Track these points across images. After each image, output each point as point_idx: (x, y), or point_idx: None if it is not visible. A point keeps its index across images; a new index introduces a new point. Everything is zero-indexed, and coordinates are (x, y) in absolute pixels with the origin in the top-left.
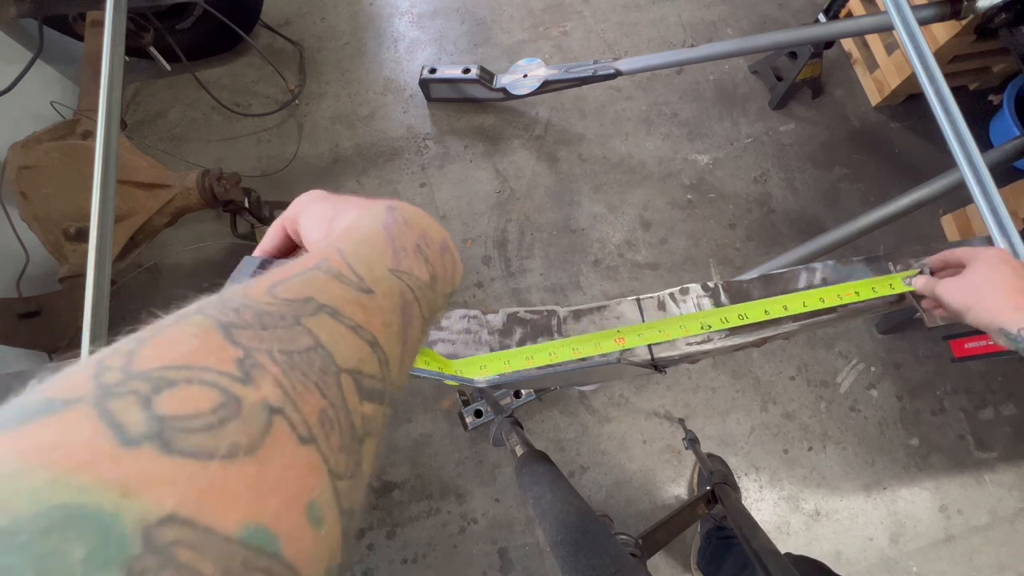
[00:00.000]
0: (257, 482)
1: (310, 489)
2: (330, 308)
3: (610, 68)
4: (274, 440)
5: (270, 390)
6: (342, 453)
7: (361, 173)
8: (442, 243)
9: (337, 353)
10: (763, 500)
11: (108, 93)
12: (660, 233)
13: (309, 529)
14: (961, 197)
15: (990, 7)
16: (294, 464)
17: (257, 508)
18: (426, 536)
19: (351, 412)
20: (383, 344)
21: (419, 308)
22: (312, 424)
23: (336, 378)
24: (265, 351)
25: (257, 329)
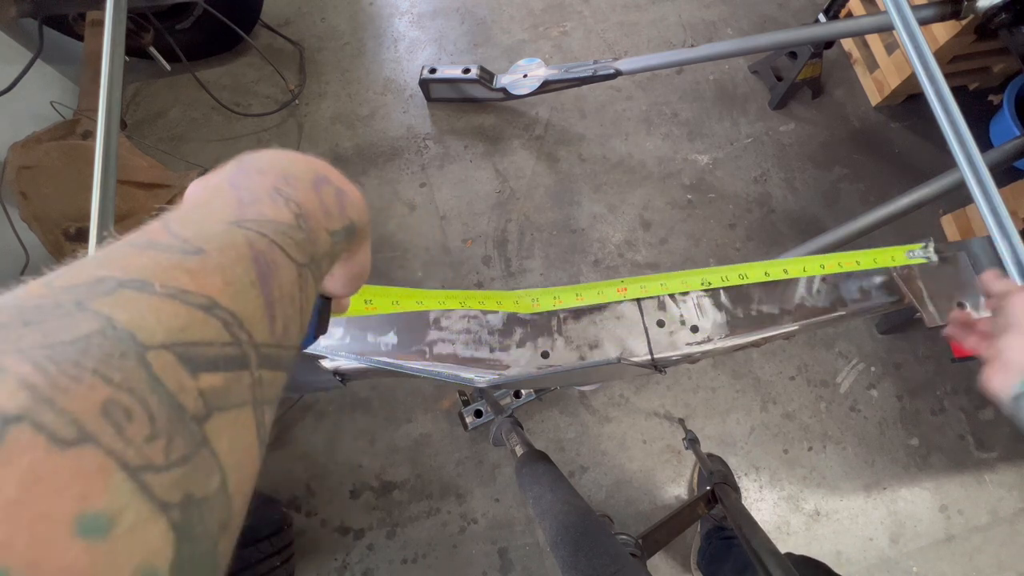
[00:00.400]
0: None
1: (79, 498)
2: (136, 281)
3: (610, 68)
4: (6, 456)
5: (7, 397)
6: (155, 441)
7: (361, 173)
8: (314, 179)
9: (141, 330)
10: (763, 500)
11: (108, 93)
12: (660, 233)
13: (78, 543)
14: (961, 197)
15: (990, 7)
16: (43, 476)
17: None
18: (426, 536)
19: (173, 392)
20: (227, 303)
21: (283, 253)
22: (86, 420)
23: (137, 358)
24: (14, 351)
25: (15, 328)
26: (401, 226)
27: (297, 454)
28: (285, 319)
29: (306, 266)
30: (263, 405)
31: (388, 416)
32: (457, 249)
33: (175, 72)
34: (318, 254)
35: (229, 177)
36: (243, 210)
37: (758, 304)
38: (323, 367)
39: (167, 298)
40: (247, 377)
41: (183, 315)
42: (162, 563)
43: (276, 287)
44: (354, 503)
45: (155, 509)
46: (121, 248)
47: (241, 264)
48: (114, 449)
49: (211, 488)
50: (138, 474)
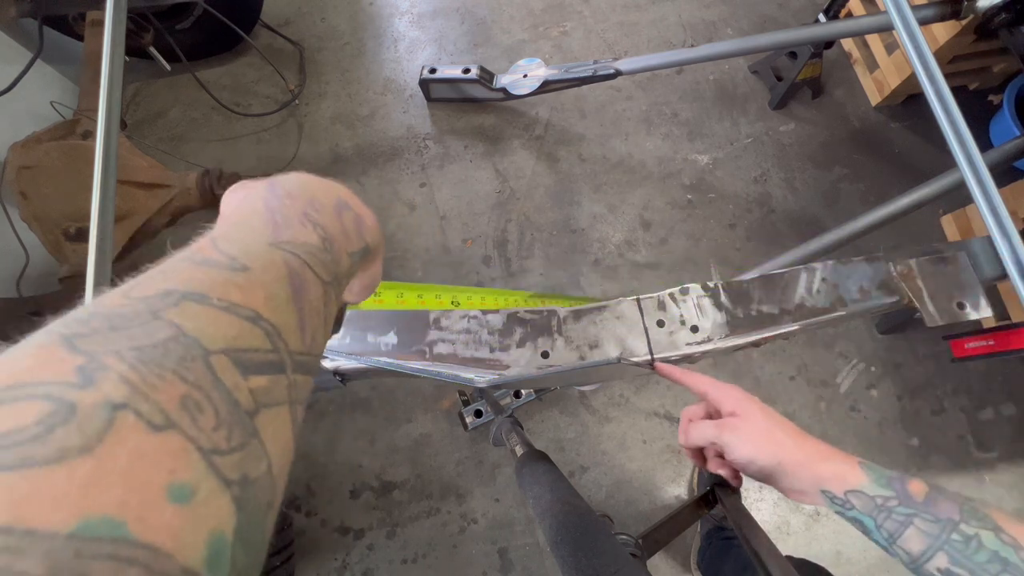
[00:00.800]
0: (94, 477)
1: (169, 471)
2: (196, 294)
3: (610, 68)
4: (117, 434)
5: (112, 388)
6: (220, 430)
7: (361, 173)
8: (336, 204)
9: (204, 336)
10: (763, 500)
11: (108, 93)
12: (660, 233)
13: (170, 507)
14: (961, 197)
15: (990, 7)
16: (145, 452)
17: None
18: (426, 536)
19: (231, 390)
20: (269, 316)
21: (312, 272)
22: (170, 411)
23: (203, 361)
24: (112, 352)
25: (105, 333)
26: (401, 226)
27: (297, 454)
28: (313, 330)
29: (330, 284)
30: (296, 404)
31: (388, 416)
32: (457, 249)
33: (175, 72)
34: (340, 273)
35: (264, 199)
36: (279, 232)
37: (758, 304)
38: (323, 367)
39: (222, 310)
40: (284, 380)
41: (236, 325)
42: (228, 529)
43: (307, 303)
44: (354, 503)
45: (222, 485)
46: (181, 263)
47: (279, 282)
48: (191, 435)
49: (261, 471)
50: (209, 456)
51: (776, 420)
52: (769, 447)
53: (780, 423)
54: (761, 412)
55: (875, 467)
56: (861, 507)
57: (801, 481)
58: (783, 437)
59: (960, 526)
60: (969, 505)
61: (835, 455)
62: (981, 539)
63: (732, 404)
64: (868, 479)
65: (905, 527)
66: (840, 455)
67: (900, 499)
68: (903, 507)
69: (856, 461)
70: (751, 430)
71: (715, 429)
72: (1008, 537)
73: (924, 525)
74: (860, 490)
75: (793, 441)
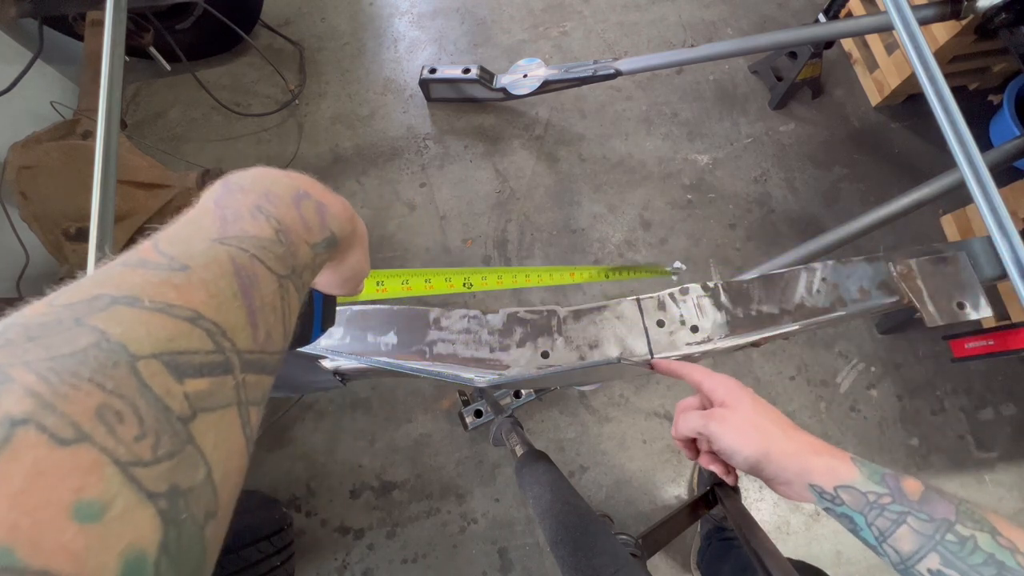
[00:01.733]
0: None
1: (76, 488)
2: (128, 298)
3: (610, 68)
4: (13, 453)
5: (14, 403)
6: (144, 439)
7: (361, 173)
8: (295, 195)
9: (132, 341)
10: (763, 500)
11: (108, 93)
12: (660, 233)
13: (74, 527)
14: (961, 197)
15: (990, 7)
16: (46, 470)
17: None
18: (426, 536)
19: (161, 396)
20: (211, 315)
21: (264, 266)
22: (83, 422)
23: (128, 367)
24: (22, 363)
25: (21, 343)
26: (401, 226)
27: (297, 454)
28: (268, 327)
29: (287, 277)
30: (249, 406)
31: (388, 416)
32: (457, 249)
33: (175, 72)
34: (299, 265)
35: (215, 197)
36: (226, 227)
37: (758, 304)
38: (323, 367)
39: (155, 312)
40: (231, 381)
41: (170, 327)
42: (149, 545)
43: (258, 298)
44: (354, 503)
45: (143, 498)
46: (115, 267)
47: (224, 278)
48: (107, 447)
49: (197, 480)
50: (128, 468)
51: (765, 411)
52: (755, 437)
53: (769, 414)
54: (752, 402)
55: (868, 463)
56: (851, 503)
57: (788, 472)
58: (771, 428)
59: (956, 527)
60: (965, 506)
61: (826, 449)
62: (977, 541)
63: (723, 394)
64: (861, 475)
65: (897, 525)
66: (832, 450)
67: (894, 496)
68: (896, 504)
69: (848, 456)
70: (738, 420)
71: (702, 419)
72: (1005, 540)
73: (917, 524)
74: (852, 485)
75: (782, 432)
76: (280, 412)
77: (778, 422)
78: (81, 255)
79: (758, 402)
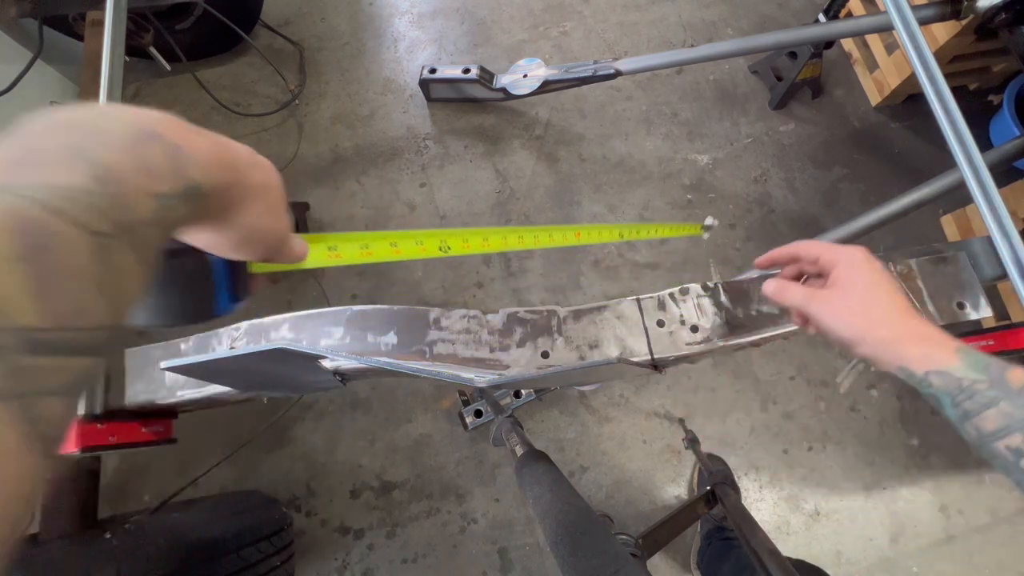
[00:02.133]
0: None
1: None
2: None
3: (610, 68)
4: None
5: None
6: None
7: (361, 173)
8: (135, 135)
9: None
10: (763, 500)
11: (108, 93)
12: None
13: None
14: (961, 197)
15: (990, 7)
16: None
17: None
18: (426, 536)
19: None
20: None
21: (67, 220)
22: None
23: None
24: None
25: None
26: (401, 226)
27: (297, 454)
28: (72, 298)
29: (110, 236)
30: (38, 396)
31: (388, 416)
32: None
33: (175, 72)
34: (135, 221)
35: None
36: (20, 172)
37: (758, 304)
38: (323, 367)
39: None
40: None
41: None
42: None
43: (52, 262)
44: (354, 503)
45: None
46: None
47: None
48: None
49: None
50: None
51: (877, 296)
52: (855, 323)
53: (880, 300)
54: (865, 287)
55: (975, 354)
56: (940, 385)
57: (879, 357)
58: (876, 315)
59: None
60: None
61: (930, 338)
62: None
63: (840, 272)
64: (961, 363)
65: (986, 408)
66: (937, 340)
67: (992, 383)
68: (992, 390)
69: (955, 347)
70: (841, 305)
71: (804, 298)
72: None
73: (1009, 407)
74: (945, 371)
75: (886, 320)
76: (280, 412)
77: (886, 308)
78: None
79: (874, 286)
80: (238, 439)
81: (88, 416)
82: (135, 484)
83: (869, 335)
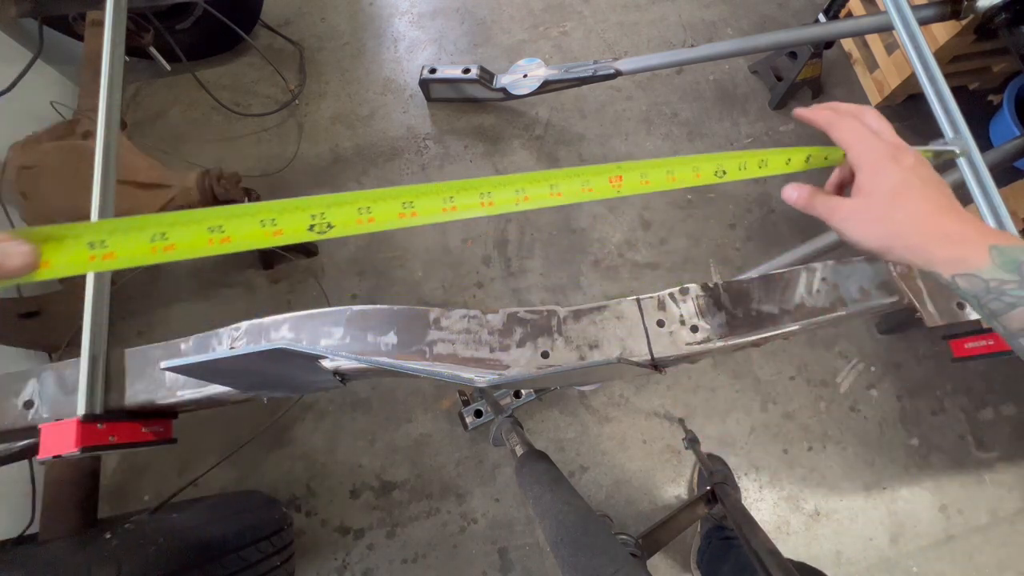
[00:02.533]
0: None
1: None
2: None
3: (610, 68)
4: None
5: None
6: None
7: (361, 173)
8: None
9: None
10: (763, 500)
11: (108, 93)
12: (660, 233)
13: None
14: (961, 197)
15: (990, 7)
16: None
17: None
18: (426, 536)
19: None
20: None
21: None
22: None
23: None
24: None
25: None
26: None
27: (297, 454)
28: None
29: None
30: None
31: (388, 416)
32: (457, 249)
33: (175, 72)
34: None
35: None
36: None
37: (758, 304)
38: (323, 367)
39: None
40: None
41: None
42: None
43: None
44: (354, 503)
45: None
46: None
47: None
48: None
49: None
50: None
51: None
52: (881, 232)
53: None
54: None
55: (1010, 250)
56: (968, 287)
57: (912, 261)
58: (904, 220)
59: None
60: None
61: (963, 239)
62: None
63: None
64: (992, 264)
65: (1011, 308)
66: (971, 237)
67: (1021, 283)
68: (1019, 290)
69: (988, 245)
70: (864, 217)
71: (826, 210)
72: None
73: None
74: (973, 273)
75: (914, 223)
76: (280, 412)
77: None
78: None
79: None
80: (238, 439)
81: (88, 416)
82: (135, 484)
83: (896, 242)
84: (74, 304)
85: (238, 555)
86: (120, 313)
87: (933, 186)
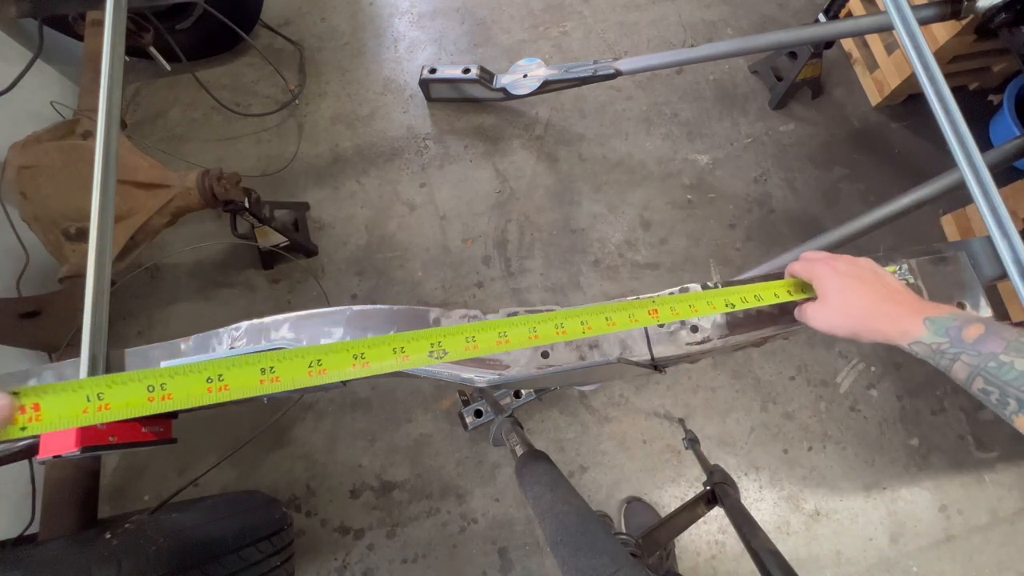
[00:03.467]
0: None
1: None
2: None
3: (610, 68)
4: None
5: None
6: None
7: (361, 173)
8: None
9: None
10: (763, 500)
11: (108, 93)
12: (660, 233)
13: None
14: (961, 197)
15: (990, 7)
16: None
17: None
18: (426, 536)
19: None
20: None
21: None
22: None
23: None
24: None
25: None
26: (401, 226)
27: (297, 454)
28: None
29: None
30: None
31: (388, 416)
32: (457, 249)
33: (175, 72)
34: None
35: None
36: None
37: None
38: None
39: None
40: None
41: None
42: None
43: None
44: (354, 503)
45: None
46: None
47: None
48: None
49: None
50: None
51: (849, 297)
52: (845, 323)
53: (853, 299)
54: (835, 294)
55: (939, 320)
56: (922, 352)
57: (875, 339)
58: (857, 312)
59: (999, 356)
60: (1018, 342)
61: (903, 317)
62: (1014, 364)
63: (817, 288)
64: (928, 332)
65: (953, 363)
66: (908, 315)
67: (952, 343)
68: (953, 348)
69: (923, 319)
70: (826, 315)
71: (799, 314)
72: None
73: (968, 359)
74: (920, 341)
75: (866, 312)
76: (280, 412)
77: (863, 303)
78: (81, 255)
79: (843, 290)
80: (238, 439)
81: None
82: (135, 484)
83: (859, 328)
84: (74, 304)
85: (238, 555)
86: (120, 313)
87: (869, 282)
